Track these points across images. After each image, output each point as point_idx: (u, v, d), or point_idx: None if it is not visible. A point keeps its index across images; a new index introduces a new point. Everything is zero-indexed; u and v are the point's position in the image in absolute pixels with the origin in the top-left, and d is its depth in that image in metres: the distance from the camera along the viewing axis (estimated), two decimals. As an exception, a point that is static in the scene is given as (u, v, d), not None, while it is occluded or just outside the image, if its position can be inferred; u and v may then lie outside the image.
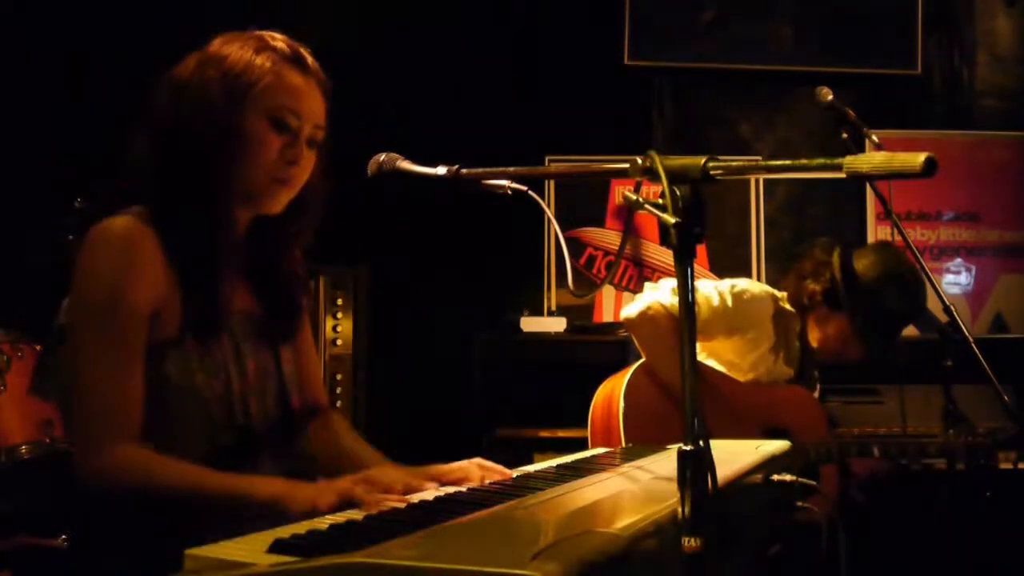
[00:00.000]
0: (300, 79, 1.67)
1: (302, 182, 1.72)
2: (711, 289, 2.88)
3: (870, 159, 1.15)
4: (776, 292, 3.04)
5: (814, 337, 3.03)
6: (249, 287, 1.77)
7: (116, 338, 1.55)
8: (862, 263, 2.94)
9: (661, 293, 2.83)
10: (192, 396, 1.61)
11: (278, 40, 1.69)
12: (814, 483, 1.87)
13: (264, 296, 1.78)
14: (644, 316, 2.80)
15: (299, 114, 1.67)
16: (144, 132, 1.67)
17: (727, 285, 2.92)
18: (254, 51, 1.65)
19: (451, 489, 1.56)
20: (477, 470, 1.63)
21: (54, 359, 1.77)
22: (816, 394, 3.14)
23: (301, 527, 1.18)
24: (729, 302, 2.86)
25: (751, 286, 2.96)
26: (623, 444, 2.66)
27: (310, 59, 1.71)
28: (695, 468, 1.09)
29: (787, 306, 3.01)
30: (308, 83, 1.69)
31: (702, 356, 2.98)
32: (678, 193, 1.17)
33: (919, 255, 2.79)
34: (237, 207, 1.69)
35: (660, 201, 1.17)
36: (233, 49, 1.66)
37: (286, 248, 1.81)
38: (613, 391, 2.82)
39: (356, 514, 1.30)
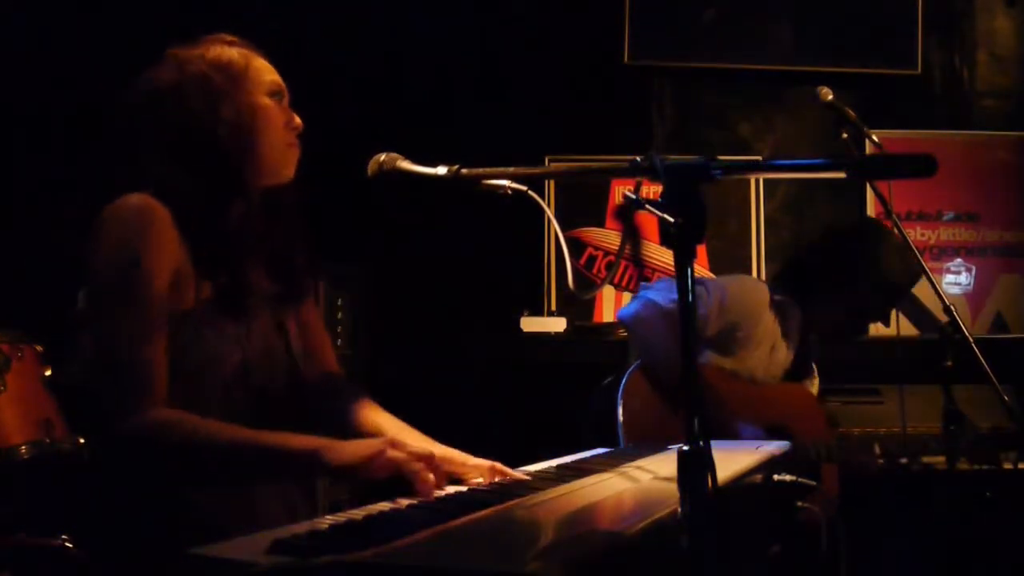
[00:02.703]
0: (263, 59, 1.82)
1: None
2: (706, 285, 2.88)
3: (870, 159, 1.16)
4: (773, 283, 3.05)
5: (815, 323, 3.03)
6: (259, 260, 1.80)
7: (139, 306, 1.58)
8: (853, 240, 2.96)
9: (655, 292, 2.84)
10: (209, 367, 1.63)
11: (226, 36, 1.82)
12: (814, 483, 1.88)
13: (271, 265, 1.82)
14: (639, 316, 2.81)
15: (280, 85, 1.82)
16: (143, 136, 1.71)
17: (722, 280, 2.93)
18: (222, 45, 1.78)
19: (451, 489, 1.56)
20: (490, 473, 1.65)
21: (75, 344, 1.82)
22: (815, 383, 3.14)
23: (301, 527, 1.18)
24: (724, 297, 2.86)
25: (745, 280, 2.98)
26: (621, 445, 2.67)
27: (248, 43, 1.83)
28: (695, 468, 1.09)
29: (784, 297, 3.01)
30: (265, 60, 1.83)
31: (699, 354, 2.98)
32: (678, 193, 1.17)
33: (919, 255, 2.79)
34: (257, 182, 1.76)
35: (660, 201, 1.17)
36: (204, 49, 1.77)
37: (292, 216, 1.85)
38: (611, 391, 2.82)
39: (356, 514, 1.30)
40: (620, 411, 2.72)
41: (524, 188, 1.58)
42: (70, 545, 2.66)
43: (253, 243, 1.77)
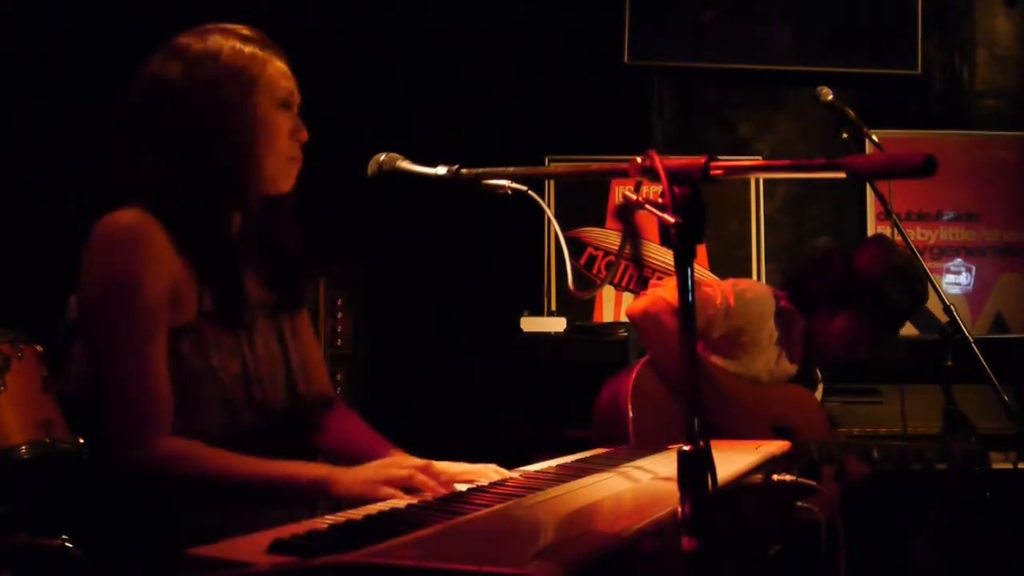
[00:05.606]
0: (281, 61, 1.74)
1: None
2: (713, 288, 2.88)
3: (870, 159, 1.16)
4: (778, 291, 3.05)
5: (819, 336, 3.03)
6: (256, 269, 1.78)
7: (141, 330, 1.56)
8: (863, 259, 2.95)
9: (666, 289, 2.85)
10: (210, 377, 1.62)
11: (242, 29, 1.74)
12: (814, 483, 1.88)
13: (268, 275, 1.80)
14: (648, 312, 2.82)
15: (294, 92, 1.75)
16: (142, 134, 1.67)
17: (729, 284, 2.93)
18: (239, 43, 1.70)
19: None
20: (494, 475, 1.65)
21: (68, 354, 1.79)
22: (819, 393, 3.14)
23: (301, 527, 1.18)
24: (731, 300, 2.86)
25: (753, 285, 2.98)
26: (633, 442, 2.66)
27: (267, 38, 1.76)
28: (695, 468, 1.09)
29: (789, 305, 3.01)
30: (284, 62, 1.75)
31: (705, 354, 2.98)
32: (678, 193, 1.17)
33: (919, 255, 2.79)
34: (256, 193, 1.72)
35: (660, 201, 1.17)
36: (216, 44, 1.69)
37: (289, 224, 1.83)
38: (619, 389, 2.82)
39: (356, 514, 1.30)
40: (630, 408, 2.72)
41: (524, 188, 1.58)
42: (70, 545, 2.66)
43: (250, 252, 1.75)
